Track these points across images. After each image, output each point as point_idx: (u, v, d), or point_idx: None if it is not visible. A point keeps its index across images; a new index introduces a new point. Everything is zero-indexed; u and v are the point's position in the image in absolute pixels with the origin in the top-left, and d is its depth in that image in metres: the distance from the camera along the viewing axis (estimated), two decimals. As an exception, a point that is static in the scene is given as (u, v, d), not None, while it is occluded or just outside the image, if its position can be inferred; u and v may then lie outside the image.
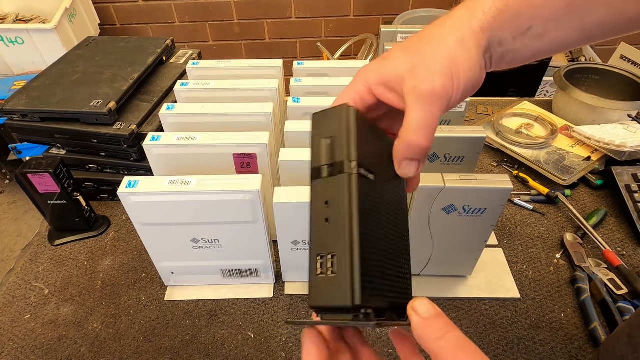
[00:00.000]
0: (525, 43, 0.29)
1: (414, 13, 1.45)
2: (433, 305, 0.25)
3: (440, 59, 0.27)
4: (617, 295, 0.63)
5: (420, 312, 0.24)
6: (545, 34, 0.29)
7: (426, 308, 0.24)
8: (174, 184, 0.52)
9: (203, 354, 0.59)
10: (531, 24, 0.28)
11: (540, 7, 0.28)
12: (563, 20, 0.28)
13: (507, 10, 0.28)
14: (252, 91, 0.68)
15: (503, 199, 0.52)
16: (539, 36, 0.29)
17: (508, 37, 0.29)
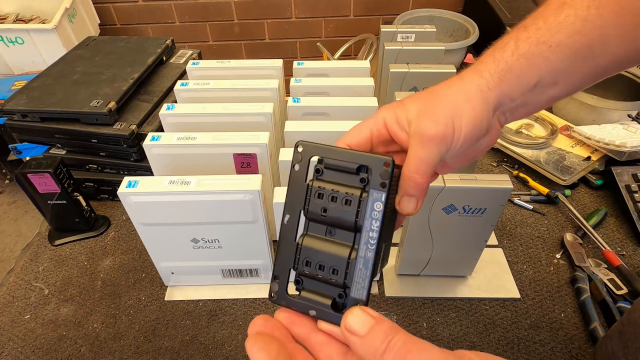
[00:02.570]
0: (536, 95, 0.30)
1: (414, 13, 1.45)
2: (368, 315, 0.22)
3: (445, 110, 0.30)
4: (617, 295, 0.63)
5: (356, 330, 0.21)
6: (557, 83, 0.29)
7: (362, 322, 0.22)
8: (174, 184, 0.52)
9: (203, 354, 0.59)
10: (537, 80, 0.29)
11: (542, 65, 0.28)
12: (573, 68, 0.29)
13: (510, 70, 0.29)
14: (252, 91, 0.68)
15: (503, 199, 0.52)
16: (550, 85, 0.30)
17: (518, 94, 0.30)
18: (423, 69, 0.71)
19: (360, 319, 0.22)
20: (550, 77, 0.29)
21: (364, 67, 0.75)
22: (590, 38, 0.27)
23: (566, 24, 0.28)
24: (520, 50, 0.29)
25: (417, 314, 0.63)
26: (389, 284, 0.66)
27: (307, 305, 0.26)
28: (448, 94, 0.31)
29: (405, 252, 0.61)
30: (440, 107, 0.30)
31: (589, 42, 0.28)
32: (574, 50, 0.28)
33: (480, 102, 0.30)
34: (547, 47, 0.28)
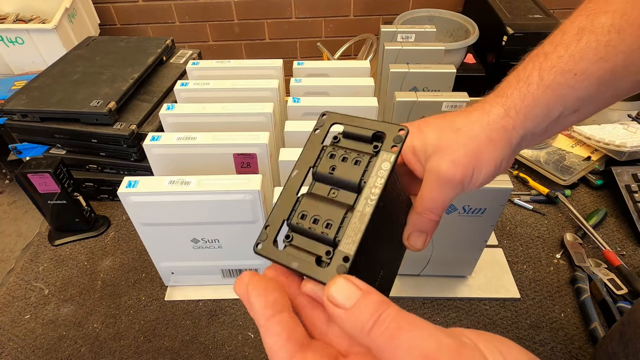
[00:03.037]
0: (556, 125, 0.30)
1: (414, 13, 1.45)
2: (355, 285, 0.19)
3: (466, 149, 0.29)
4: (617, 295, 0.63)
5: (340, 302, 0.18)
6: (578, 110, 0.29)
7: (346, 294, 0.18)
8: (174, 184, 0.52)
9: (203, 354, 0.59)
10: (562, 110, 0.29)
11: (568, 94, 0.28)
12: (596, 96, 0.29)
13: (537, 106, 0.29)
14: (252, 91, 0.68)
15: (503, 199, 0.52)
16: (571, 114, 0.29)
17: (542, 128, 0.30)
18: (423, 69, 0.71)
19: (345, 289, 0.18)
20: (573, 106, 0.29)
21: (364, 67, 0.75)
22: (614, 64, 0.27)
23: (588, 49, 0.27)
24: (545, 81, 0.28)
25: (417, 314, 0.62)
26: (389, 284, 0.66)
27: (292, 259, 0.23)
28: (470, 129, 0.29)
29: (405, 252, 0.61)
30: (460, 144, 0.29)
31: (612, 68, 0.27)
32: (598, 77, 0.28)
33: (504, 143, 0.29)
34: (572, 75, 0.28)
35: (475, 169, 0.29)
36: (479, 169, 0.29)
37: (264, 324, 0.19)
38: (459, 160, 0.28)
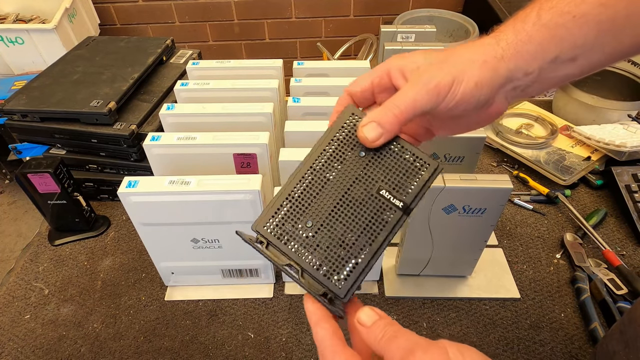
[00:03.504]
0: (553, 71, 0.29)
1: (414, 13, 1.45)
2: (375, 312, 0.27)
3: (450, 67, 0.29)
4: (617, 295, 0.63)
5: (365, 322, 0.27)
6: (575, 59, 0.29)
7: (369, 317, 0.27)
8: (174, 184, 0.52)
9: (203, 354, 0.59)
10: (557, 54, 0.28)
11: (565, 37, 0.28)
12: (595, 44, 0.28)
13: (530, 42, 0.28)
14: (252, 91, 0.68)
15: (503, 199, 0.52)
16: (568, 62, 0.29)
17: (534, 68, 0.29)
18: (423, 69, 0.71)
19: (368, 315, 0.27)
20: (570, 52, 0.28)
21: (364, 67, 0.75)
22: (615, 11, 0.26)
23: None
24: (543, 20, 0.28)
25: (417, 314, 0.63)
26: (389, 284, 0.66)
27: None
28: (459, 53, 0.30)
29: (405, 252, 0.61)
30: (446, 63, 0.30)
31: (613, 16, 0.27)
32: (597, 23, 0.27)
33: (489, 67, 0.29)
34: (571, 17, 0.27)
35: (455, 80, 0.29)
36: (459, 82, 0.29)
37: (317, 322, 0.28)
38: (440, 73, 0.29)
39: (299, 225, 0.29)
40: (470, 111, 0.31)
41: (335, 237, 0.29)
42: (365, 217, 0.29)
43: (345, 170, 0.30)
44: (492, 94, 0.30)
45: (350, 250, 0.29)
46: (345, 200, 0.30)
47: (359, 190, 0.30)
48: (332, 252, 0.29)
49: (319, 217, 0.29)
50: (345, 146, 0.31)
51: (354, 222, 0.29)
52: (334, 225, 0.29)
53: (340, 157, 0.31)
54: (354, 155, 0.31)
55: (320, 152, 0.31)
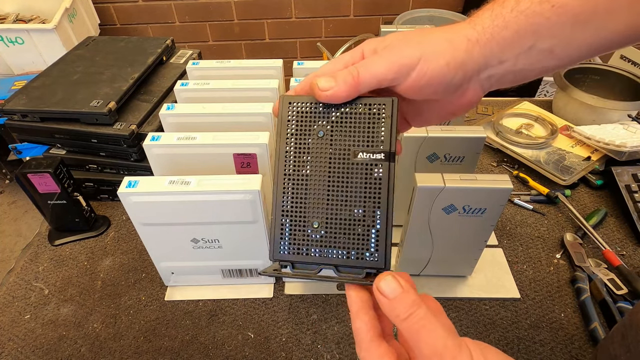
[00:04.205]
0: (529, 61, 0.28)
1: (414, 13, 1.45)
2: (398, 283, 0.25)
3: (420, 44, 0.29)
4: (617, 295, 0.63)
5: (386, 293, 0.25)
6: (553, 51, 0.28)
7: (391, 288, 0.25)
8: (174, 184, 0.52)
9: (203, 354, 0.59)
10: (533, 43, 0.28)
11: (542, 24, 0.27)
12: (573, 36, 0.27)
13: (506, 28, 0.28)
14: (252, 91, 0.68)
15: (503, 199, 0.52)
16: (546, 53, 0.28)
17: (510, 56, 0.28)
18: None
19: (391, 284, 0.25)
20: (547, 42, 0.27)
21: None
22: (595, 4, 0.26)
23: None
24: (521, 6, 0.27)
25: (417, 314, 0.63)
26: (389, 284, 0.66)
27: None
28: (432, 33, 0.30)
29: (405, 252, 0.61)
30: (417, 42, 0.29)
31: (593, 7, 0.26)
32: (576, 14, 0.26)
33: (462, 48, 0.28)
34: (550, 6, 0.26)
35: (422, 57, 0.28)
36: (427, 60, 0.28)
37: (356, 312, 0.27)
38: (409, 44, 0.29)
39: (307, 231, 0.29)
40: (442, 94, 0.30)
41: (345, 221, 0.29)
42: (358, 186, 0.29)
43: (316, 157, 0.30)
44: (466, 78, 0.29)
45: (365, 223, 0.29)
46: (333, 184, 0.29)
47: (339, 167, 0.29)
48: (350, 235, 0.29)
49: (320, 213, 0.29)
50: (302, 136, 0.30)
51: (352, 198, 0.29)
52: (337, 211, 0.29)
53: (304, 149, 0.30)
54: (315, 139, 0.30)
55: (284, 156, 0.30)
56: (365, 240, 0.28)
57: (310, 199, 0.29)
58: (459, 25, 0.30)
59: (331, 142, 0.30)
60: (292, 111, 0.30)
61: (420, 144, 0.61)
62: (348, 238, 0.29)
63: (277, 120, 0.31)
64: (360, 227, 0.29)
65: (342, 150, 0.29)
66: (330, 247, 0.29)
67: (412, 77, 0.29)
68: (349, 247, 0.29)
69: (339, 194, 0.29)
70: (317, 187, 0.29)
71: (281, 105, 0.31)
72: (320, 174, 0.29)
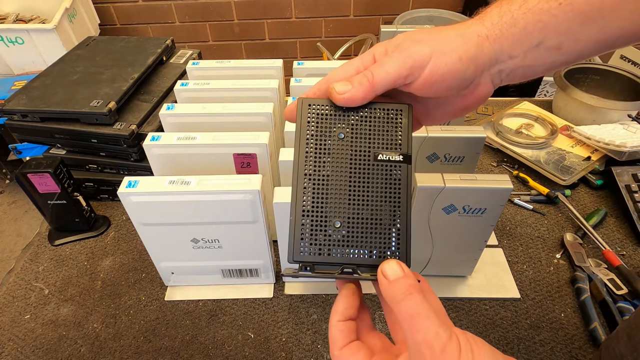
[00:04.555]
0: (538, 57, 0.29)
1: (414, 13, 1.45)
2: (401, 267, 0.26)
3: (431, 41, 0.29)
4: (617, 295, 0.63)
5: (388, 275, 0.26)
6: (560, 47, 0.28)
7: (393, 270, 0.26)
8: (174, 184, 0.52)
9: (203, 354, 0.59)
10: (541, 39, 0.28)
11: (549, 22, 0.27)
12: (580, 33, 0.28)
13: (514, 24, 0.28)
14: (252, 91, 0.68)
15: (503, 199, 0.52)
16: (554, 49, 0.28)
17: (519, 52, 0.29)
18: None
19: (393, 268, 0.26)
20: (554, 39, 0.28)
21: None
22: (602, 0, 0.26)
23: None
24: (529, 4, 0.28)
25: (417, 314, 0.63)
26: (389, 284, 0.66)
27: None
28: (442, 31, 0.30)
29: (405, 252, 0.61)
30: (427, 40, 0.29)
31: (600, 4, 0.26)
32: (583, 12, 0.27)
33: (473, 43, 0.29)
34: (557, 4, 0.27)
35: (434, 53, 0.29)
36: (439, 54, 0.29)
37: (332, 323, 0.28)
38: (420, 42, 0.29)
39: (329, 232, 0.29)
40: (456, 89, 0.30)
41: (366, 221, 0.29)
42: (379, 187, 0.30)
43: (337, 158, 0.30)
44: (478, 72, 0.30)
45: (385, 222, 0.29)
46: (354, 184, 0.30)
47: (359, 168, 0.30)
48: (371, 234, 0.29)
49: (342, 213, 0.29)
50: (322, 138, 0.30)
51: (373, 198, 0.29)
52: (358, 211, 0.29)
53: (325, 150, 0.30)
54: (335, 141, 0.30)
55: (304, 157, 0.30)
56: (387, 239, 0.29)
57: (332, 199, 0.30)
58: (468, 23, 0.30)
59: (351, 144, 0.30)
60: (312, 113, 0.31)
61: (420, 144, 0.61)
62: (370, 237, 0.29)
63: (296, 122, 0.31)
64: (382, 227, 0.29)
65: (363, 152, 0.30)
66: (352, 247, 0.29)
67: (425, 73, 0.29)
68: (370, 246, 0.29)
69: (361, 194, 0.30)
70: (338, 188, 0.30)
71: (300, 107, 0.31)
72: (342, 174, 0.30)
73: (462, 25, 0.30)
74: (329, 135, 0.30)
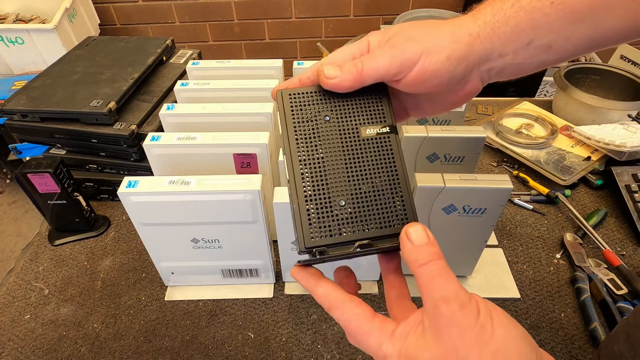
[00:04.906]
0: (528, 55, 0.29)
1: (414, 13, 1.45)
2: (427, 234, 0.26)
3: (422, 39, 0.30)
4: (617, 295, 0.63)
5: (412, 238, 0.26)
6: (551, 47, 0.29)
7: (419, 235, 0.26)
8: (174, 184, 0.52)
9: (203, 354, 0.59)
10: (532, 38, 0.28)
11: (541, 20, 0.28)
12: (571, 32, 0.28)
13: (506, 23, 0.28)
14: (252, 91, 0.68)
15: (503, 199, 0.52)
16: (544, 48, 0.29)
17: (509, 51, 0.29)
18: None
19: (419, 232, 0.26)
20: (545, 38, 0.28)
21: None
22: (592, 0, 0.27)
23: None
24: (522, 2, 0.28)
25: (417, 314, 0.63)
26: (389, 284, 0.66)
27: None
28: (437, 27, 0.30)
29: (405, 252, 0.61)
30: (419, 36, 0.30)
31: (591, 4, 0.27)
32: (574, 10, 0.27)
33: (464, 41, 0.29)
34: (549, 2, 0.27)
35: (424, 52, 0.29)
36: (429, 54, 0.29)
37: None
38: (412, 38, 0.29)
39: (335, 212, 0.29)
40: (444, 86, 0.30)
41: (369, 194, 0.30)
42: (374, 159, 0.30)
43: (327, 140, 0.31)
44: (468, 70, 0.30)
45: (388, 192, 0.30)
46: (350, 161, 0.30)
47: (351, 144, 0.31)
48: (378, 207, 0.29)
49: (344, 191, 0.30)
50: (309, 123, 0.31)
51: (370, 171, 0.30)
52: (360, 186, 0.30)
53: (314, 134, 0.31)
54: (322, 124, 0.31)
55: (295, 145, 0.31)
56: (393, 207, 0.30)
57: (331, 180, 0.30)
58: (462, 19, 0.30)
59: (338, 123, 0.31)
60: (294, 102, 0.31)
61: (420, 144, 0.61)
62: (376, 209, 0.29)
63: (279, 113, 0.31)
64: (385, 197, 0.30)
65: (351, 129, 0.31)
66: (362, 222, 0.29)
67: (414, 72, 0.29)
68: (379, 217, 0.29)
69: (358, 170, 0.30)
70: (335, 167, 0.30)
71: (281, 99, 0.32)
72: (335, 154, 0.30)
73: (456, 21, 0.30)
74: (315, 119, 0.31)
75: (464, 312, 0.23)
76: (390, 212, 0.29)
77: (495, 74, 0.31)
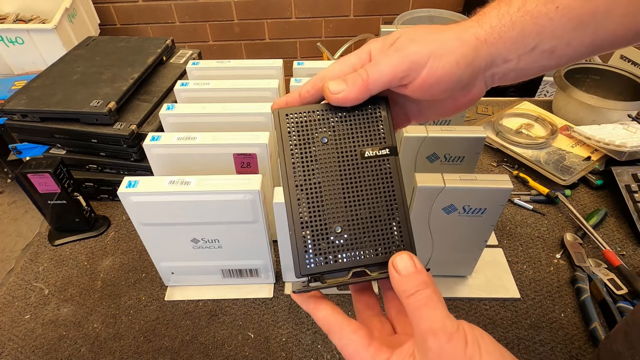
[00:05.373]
0: (531, 60, 0.29)
1: (414, 13, 1.45)
2: (413, 262, 0.26)
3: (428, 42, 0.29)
4: (617, 295, 0.63)
5: (399, 269, 0.26)
6: (553, 52, 0.29)
7: (405, 265, 0.26)
8: (174, 184, 0.52)
9: (203, 354, 0.59)
10: (537, 43, 0.28)
11: (546, 26, 0.28)
12: (573, 37, 0.28)
13: (513, 28, 0.28)
14: (252, 91, 0.68)
15: (503, 199, 0.52)
16: (547, 53, 0.29)
17: (514, 56, 0.29)
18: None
19: (405, 261, 0.26)
20: (549, 43, 0.28)
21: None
22: (595, 5, 0.27)
23: None
24: (528, 6, 0.28)
25: (417, 314, 0.63)
26: (389, 284, 0.66)
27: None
28: (442, 32, 0.30)
29: (405, 252, 0.61)
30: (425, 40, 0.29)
31: (593, 9, 0.27)
32: (577, 15, 0.27)
33: (470, 45, 0.29)
34: (554, 7, 0.27)
35: (431, 56, 0.28)
36: (436, 57, 0.28)
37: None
38: (418, 42, 0.29)
39: (331, 238, 0.29)
40: (450, 92, 0.30)
41: (366, 220, 0.29)
42: (371, 183, 0.30)
43: (324, 163, 0.30)
44: (474, 76, 0.30)
45: (385, 217, 0.29)
46: (347, 186, 0.30)
47: (349, 168, 0.30)
48: (373, 233, 0.29)
49: (341, 217, 0.29)
50: (306, 146, 0.30)
51: (368, 196, 0.29)
52: (356, 212, 0.29)
53: (311, 158, 0.30)
54: (319, 147, 0.30)
55: (292, 169, 0.30)
56: (389, 234, 0.29)
57: (328, 205, 0.29)
58: (466, 24, 0.30)
59: (336, 145, 0.30)
60: (291, 122, 0.30)
61: (420, 144, 0.61)
62: (372, 235, 0.29)
63: (276, 134, 0.30)
64: (382, 223, 0.29)
65: (349, 152, 0.30)
66: (357, 248, 0.29)
67: (422, 75, 0.29)
68: (375, 244, 0.29)
69: (355, 195, 0.29)
70: (331, 192, 0.29)
71: (278, 119, 0.31)
72: (332, 178, 0.30)
73: (460, 26, 0.30)
74: (312, 141, 0.30)
75: (451, 344, 0.23)
76: (387, 238, 0.29)
77: (498, 78, 0.31)
